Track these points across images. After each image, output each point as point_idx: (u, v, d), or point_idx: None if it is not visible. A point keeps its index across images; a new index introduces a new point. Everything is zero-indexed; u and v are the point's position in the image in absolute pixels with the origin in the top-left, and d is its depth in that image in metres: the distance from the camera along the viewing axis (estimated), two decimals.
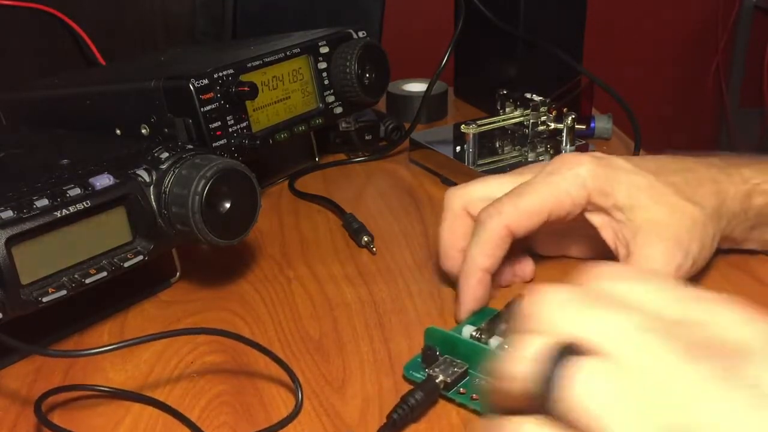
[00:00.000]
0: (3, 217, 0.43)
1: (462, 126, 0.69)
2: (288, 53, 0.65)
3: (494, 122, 0.71)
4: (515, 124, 0.72)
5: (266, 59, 0.63)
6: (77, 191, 0.46)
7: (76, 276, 0.46)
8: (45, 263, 0.45)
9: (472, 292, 0.48)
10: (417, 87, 0.89)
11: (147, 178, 0.50)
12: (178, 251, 0.56)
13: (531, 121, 0.71)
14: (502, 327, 0.44)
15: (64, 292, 0.45)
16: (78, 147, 0.57)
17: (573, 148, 0.69)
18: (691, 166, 0.50)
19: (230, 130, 0.59)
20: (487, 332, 0.44)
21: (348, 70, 0.68)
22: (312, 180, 0.73)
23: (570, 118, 0.69)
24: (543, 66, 0.82)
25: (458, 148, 0.72)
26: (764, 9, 2.10)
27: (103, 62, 0.83)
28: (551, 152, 0.70)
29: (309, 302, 0.53)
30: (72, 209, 0.46)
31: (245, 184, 0.51)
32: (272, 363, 0.44)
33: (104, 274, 0.47)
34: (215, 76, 0.58)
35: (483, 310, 0.49)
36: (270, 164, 0.73)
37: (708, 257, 0.49)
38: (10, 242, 0.43)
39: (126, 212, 0.49)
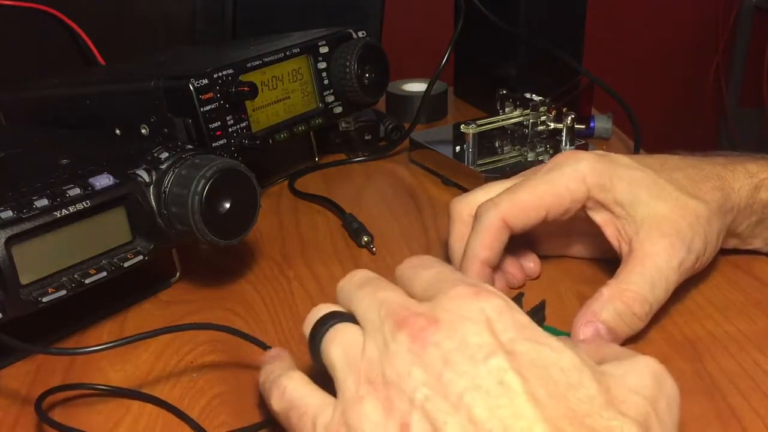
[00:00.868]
0: (3, 217, 0.43)
1: (462, 126, 0.69)
2: (288, 53, 0.65)
3: (494, 122, 0.71)
4: (515, 124, 0.72)
5: (266, 59, 0.63)
6: (77, 191, 0.46)
7: (76, 276, 0.46)
8: (45, 263, 0.45)
9: None
10: (417, 87, 0.89)
11: (147, 178, 0.50)
12: (178, 251, 0.56)
13: (531, 121, 0.71)
14: None
15: (64, 292, 0.45)
16: (78, 147, 0.57)
17: (572, 148, 0.69)
18: (695, 163, 0.50)
19: (230, 130, 0.60)
20: None
21: (348, 70, 0.68)
22: (312, 180, 0.73)
23: (570, 118, 0.69)
24: (543, 66, 0.82)
25: (458, 148, 0.72)
26: (764, 9, 2.11)
27: (103, 62, 0.83)
28: (551, 152, 0.70)
29: (309, 302, 0.53)
30: (72, 209, 0.46)
31: (245, 184, 0.51)
32: None
33: (104, 274, 0.47)
34: (215, 76, 0.58)
35: None
36: (270, 164, 0.73)
37: (713, 254, 0.48)
38: (10, 242, 0.43)
39: (126, 212, 0.49)
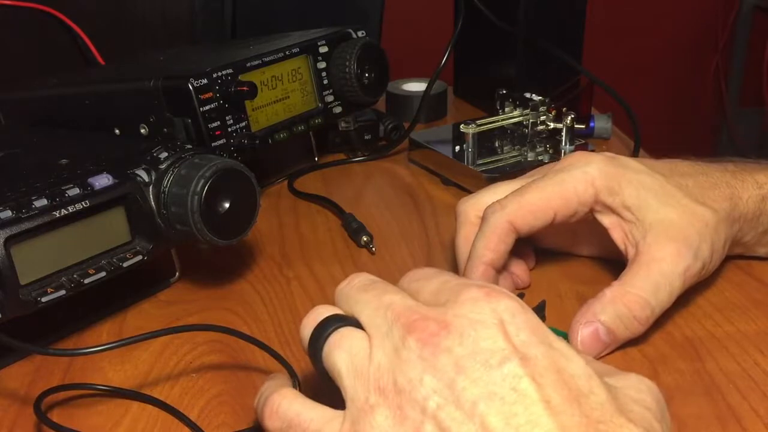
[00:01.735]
0: (2, 217, 0.43)
1: (461, 126, 0.69)
2: (287, 53, 0.65)
3: (494, 122, 0.71)
4: (515, 124, 0.72)
5: (265, 59, 0.63)
6: (76, 191, 0.46)
7: (75, 276, 0.46)
8: (44, 263, 0.45)
9: None
10: (416, 87, 0.89)
11: (146, 178, 0.50)
12: (178, 251, 0.56)
13: (530, 121, 0.71)
14: None
15: (63, 292, 0.45)
16: (77, 147, 0.57)
17: (572, 148, 0.69)
18: (704, 170, 0.50)
19: (229, 130, 0.59)
20: None
21: (347, 70, 0.68)
22: (311, 180, 0.73)
23: (569, 118, 0.69)
24: (543, 66, 0.82)
25: (458, 148, 0.72)
26: (764, 9, 2.10)
27: (103, 62, 0.83)
28: (550, 152, 0.70)
29: (308, 302, 0.53)
30: (71, 209, 0.46)
31: (244, 184, 0.51)
32: (272, 363, 0.44)
33: (103, 274, 0.47)
34: (214, 76, 0.58)
35: None
36: (269, 164, 0.73)
37: (718, 262, 0.48)
38: (9, 242, 0.43)
39: (125, 212, 0.49)
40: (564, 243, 0.56)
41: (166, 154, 0.51)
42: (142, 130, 0.60)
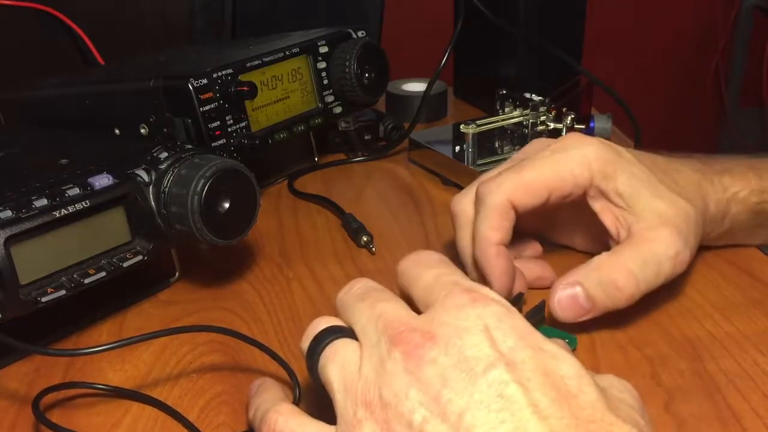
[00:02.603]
0: (2, 217, 0.43)
1: (461, 126, 0.69)
2: (287, 53, 0.65)
3: (494, 122, 0.71)
4: (515, 124, 0.72)
5: (265, 59, 0.63)
6: (76, 191, 0.46)
7: (75, 276, 0.46)
8: (44, 263, 0.45)
9: (497, 266, 0.47)
10: (416, 87, 0.89)
11: (146, 178, 0.50)
12: (178, 251, 0.56)
13: (530, 121, 0.71)
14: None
15: (63, 292, 0.45)
16: (77, 147, 0.57)
17: None
18: (679, 168, 0.51)
19: (229, 130, 0.60)
20: None
21: (347, 70, 0.68)
22: (311, 180, 0.73)
23: (569, 118, 0.69)
24: (543, 66, 0.82)
25: (458, 148, 0.72)
26: (764, 9, 2.10)
27: (103, 62, 0.83)
28: None
29: (308, 302, 0.53)
30: (71, 209, 0.46)
31: (244, 184, 0.51)
32: (271, 363, 0.44)
33: (103, 274, 0.47)
34: (214, 76, 0.58)
35: None
36: (269, 164, 0.73)
37: (693, 256, 0.49)
38: (9, 242, 0.43)
39: (125, 212, 0.49)
40: (562, 236, 0.56)
41: (166, 154, 0.51)
42: (142, 130, 0.60)
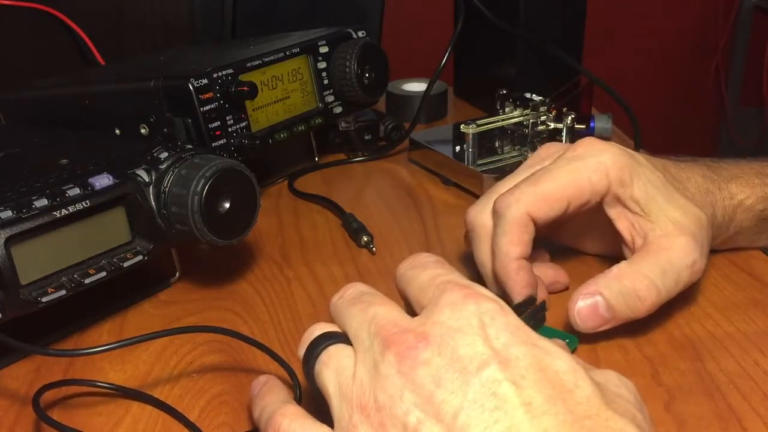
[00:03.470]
0: (2, 217, 0.43)
1: (462, 126, 0.69)
2: (287, 53, 0.65)
3: (494, 122, 0.71)
4: (515, 124, 0.72)
5: (266, 59, 0.63)
6: (76, 191, 0.46)
7: (76, 276, 0.46)
8: (44, 263, 0.45)
9: (518, 281, 0.47)
10: (417, 87, 0.89)
11: (146, 178, 0.50)
12: (178, 251, 0.56)
13: (531, 121, 0.71)
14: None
15: (64, 292, 0.45)
16: (77, 147, 0.57)
17: None
18: (689, 174, 0.51)
19: (230, 130, 0.60)
20: None
21: (347, 70, 0.68)
22: (311, 180, 0.73)
23: (569, 118, 0.69)
24: (543, 66, 0.82)
25: (458, 148, 0.72)
26: (764, 9, 2.10)
27: (103, 62, 0.83)
28: None
29: (308, 302, 0.53)
30: (71, 209, 0.46)
31: (245, 184, 0.51)
32: (271, 362, 0.44)
33: (103, 274, 0.47)
34: (215, 76, 0.58)
35: None
36: (269, 164, 0.73)
37: (707, 262, 0.49)
38: (10, 242, 0.43)
39: (125, 212, 0.49)
40: (553, 230, 0.55)
41: (167, 154, 0.51)
42: (143, 130, 0.60)
